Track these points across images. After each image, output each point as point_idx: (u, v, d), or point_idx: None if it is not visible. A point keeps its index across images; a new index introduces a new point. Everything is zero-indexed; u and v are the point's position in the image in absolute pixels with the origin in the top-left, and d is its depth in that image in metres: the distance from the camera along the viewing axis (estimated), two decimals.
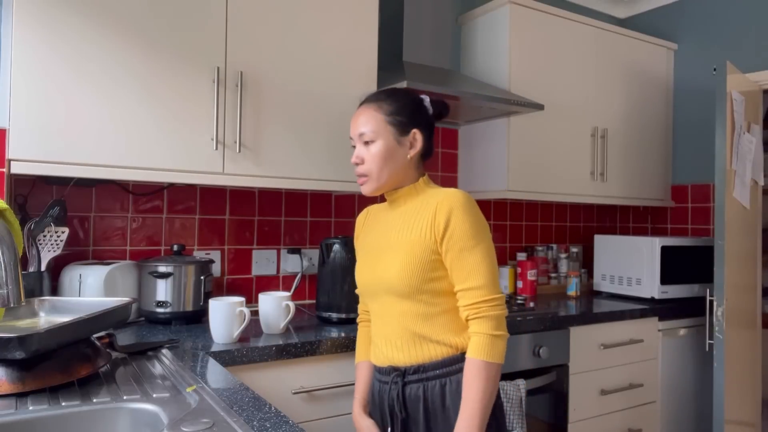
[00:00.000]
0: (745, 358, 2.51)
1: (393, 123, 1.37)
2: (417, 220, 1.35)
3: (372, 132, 1.37)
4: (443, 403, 1.33)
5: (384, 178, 1.38)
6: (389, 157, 1.37)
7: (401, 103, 1.39)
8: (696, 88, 3.11)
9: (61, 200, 1.83)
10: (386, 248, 1.39)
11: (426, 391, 1.34)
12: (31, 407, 1.02)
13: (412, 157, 1.39)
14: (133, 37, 1.70)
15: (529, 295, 2.75)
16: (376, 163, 1.37)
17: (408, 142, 1.38)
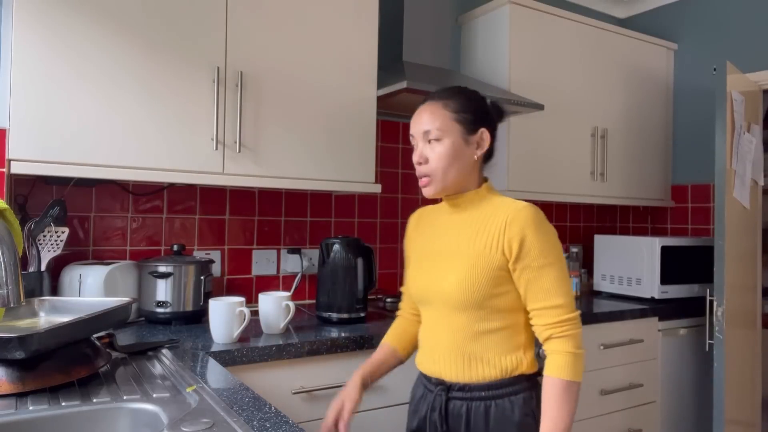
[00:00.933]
0: (745, 358, 2.51)
1: (460, 121, 1.31)
2: (483, 231, 1.29)
3: (438, 130, 1.30)
4: (486, 424, 1.28)
5: (449, 180, 1.32)
6: (456, 156, 1.31)
7: (469, 101, 1.34)
8: (696, 88, 3.11)
9: (61, 200, 1.83)
10: (446, 255, 1.32)
11: (470, 411, 1.29)
12: (31, 407, 1.02)
13: (479, 157, 1.34)
14: (133, 37, 1.70)
15: None
16: (442, 163, 1.30)
17: (476, 142, 1.33)
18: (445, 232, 1.37)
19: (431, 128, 1.31)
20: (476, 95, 1.38)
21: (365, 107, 2.13)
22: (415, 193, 2.68)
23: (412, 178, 2.68)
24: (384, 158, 2.60)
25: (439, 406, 1.31)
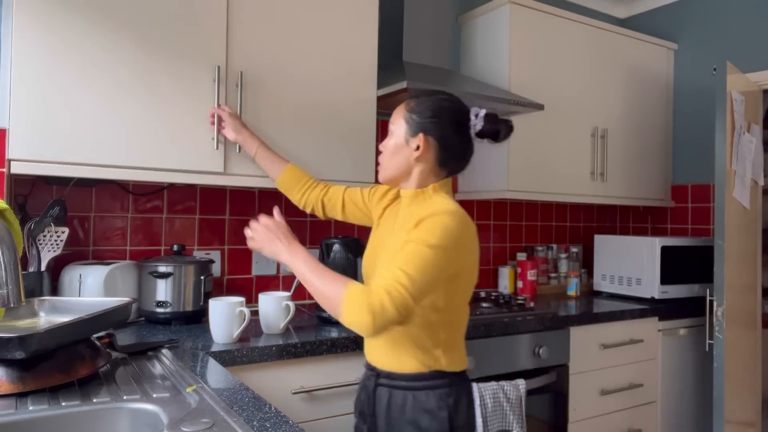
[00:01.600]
0: (745, 358, 2.51)
1: (408, 121, 1.37)
2: (403, 228, 1.34)
3: (392, 124, 1.41)
4: (403, 412, 1.35)
5: (389, 173, 1.41)
6: (396, 152, 1.39)
7: (424, 105, 1.37)
8: (696, 88, 3.11)
9: (61, 200, 1.83)
10: (378, 246, 1.44)
11: (391, 397, 1.37)
12: (31, 407, 1.02)
13: (417, 159, 1.36)
14: (134, 36, 1.70)
15: (529, 295, 2.75)
16: (387, 156, 1.41)
17: (415, 144, 1.36)
18: (387, 222, 1.46)
19: (392, 123, 1.42)
20: (442, 102, 1.38)
21: (365, 107, 2.13)
22: None
23: None
24: None
25: (370, 390, 1.42)
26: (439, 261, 1.23)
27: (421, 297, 1.23)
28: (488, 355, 2.03)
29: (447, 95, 1.42)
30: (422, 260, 1.22)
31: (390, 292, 1.18)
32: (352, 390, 1.74)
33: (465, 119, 1.38)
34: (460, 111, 1.39)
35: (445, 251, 1.24)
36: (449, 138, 1.37)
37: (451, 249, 1.25)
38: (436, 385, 1.35)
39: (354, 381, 1.74)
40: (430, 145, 1.36)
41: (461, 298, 1.37)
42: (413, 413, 1.34)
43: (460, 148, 1.39)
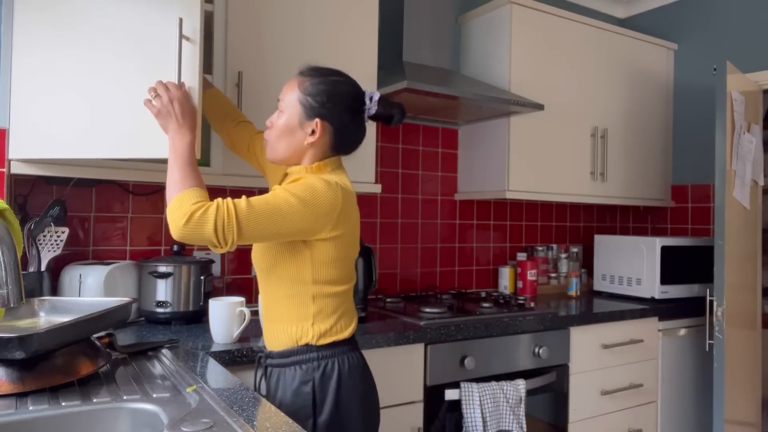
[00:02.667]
0: (745, 358, 2.51)
1: (303, 104, 1.33)
2: None
3: (284, 103, 1.36)
4: (276, 391, 1.35)
5: (278, 152, 1.37)
6: (288, 134, 1.35)
7: (323, 88, 1.34)
8: (696, 88, 3.11)
9: (61, 200, 1.83)
10: None
11: (270, 377, 1.39)
12: (31, 407, 1.02)
13: (311, 143, 1.35)
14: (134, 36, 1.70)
15: (529, 295, 2.75)
16: (275, 135, 1.37)
17: (309, 129, 1.34)
18: None
19: (281, 99, 1.37)
20: (339, 86, 1.36)
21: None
22: (415, 193, 2.68)
23: (412, 178, 2.68)
24: (384, 158, 2.60)
25: (262, 371, 1.42)
26: (289, 207, 1.23)
27: (253, 229, 1.22)
28: (488, 355, 2.03)
29: (343, 77, 1.39)
30: (271, 198, 1.24)
31: (219, 206, 1.21)
32: None
33: (361, 104, 1.38)
34: (356, 95, 1.38)
35: (301, 203, 1.24)
36: (345, 123, 1.37)
37: (309, 204, 1.24)
38: (305, 360, 1.32)
39: None
40: (325, 131, 1.34)
41: (334, 270, 1.34)
42: (282, 393, 1.33)
43: (355, 133, 1.40)
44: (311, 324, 1.33)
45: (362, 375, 1.38)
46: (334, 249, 1.32)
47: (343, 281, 1.37)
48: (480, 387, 1.93)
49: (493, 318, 2.10)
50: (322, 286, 1.33)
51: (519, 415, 1.98)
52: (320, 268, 1.32)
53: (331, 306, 1.35)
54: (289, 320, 1.34)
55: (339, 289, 1.36)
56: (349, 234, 1.35)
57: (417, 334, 1.86)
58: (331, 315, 1.35)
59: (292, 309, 1.34)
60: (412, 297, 2.57)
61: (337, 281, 1.35)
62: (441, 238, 2.76)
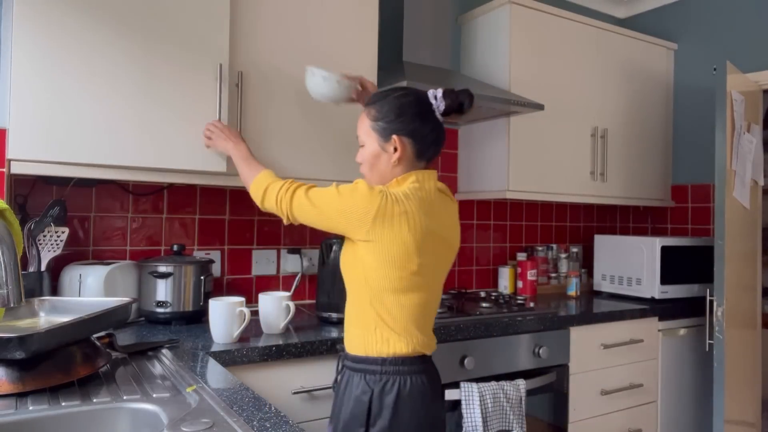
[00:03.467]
0: (745, 358, 2.51)
1: (376, 129, 1.41)
2: None
3: (362, 137, 1.45)
4: (343, 393, 1.39)
5: (374, 181, 1.44)
6: (375, 161, 1.43)
7: (385, 109, 1.41)
8: (696, 88, 3.11)
9: (61, 200, 1.83)
10: None
11: (342, 378, 1.43)
12: (31, 407, 1.02)
13: (397, 160, 1.40)
14: (134, 36, 1.70)
15: (529, 295, 2.75)
16: (365, 167, 1.46)
17: (391, 148, 1.40)
18: None
19: (358, 135, 1.47)
20: (399, 99, 1.42)
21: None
22: None
23: None
24: None
25: (340, 367, 1.47)
26: (330, 197, 1.36)
27: (301, 206, 1.40)
28: (488, 355, 2.03)
29: (401, 89, 1.45)
30: (323, 187, 1.41)
31: (284, 184, 1.44)
32: None
33: (428, 105, 1.42)
34: (420, 101, 1.42)
35: (339, 196, 1.35)
36: (418, 129, 1.40)
37: (345, 200, 1.34)
38: (371, 370, 1.35)
39: None
40: (404, 143, 1.40)
41: (398, 282, 1.34)
42: (347, 396, 1.37)
43: (432, 135, 1.43)
44: (373, 330, 1.36)
45: (424, 401, 1.35)
46: (374, 254, 1.33)
47: (396, 292, 1.34)
48: (480, 387, 1.93)
49: (493, 318, 2.10)
50: (376, 293, 1.35)
51: (519, 415, 1.98)
52: (371, 273, 1.35)
53: (389, 317, 1.35)
54: (357, 324, 1.40)
55: (394, 300, 1.35)
56: (389, 243, 1.32)
57: None
58: (390, 326, 1.35)
59: (357, 313, 1.40)
60: None
61: (389, 290, 1.34)
62: None
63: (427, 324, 1.42)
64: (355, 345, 1.39)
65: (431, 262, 1.38)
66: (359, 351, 1.37)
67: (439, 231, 1.40)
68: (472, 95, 1.45)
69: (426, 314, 1.40)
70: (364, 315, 1.37)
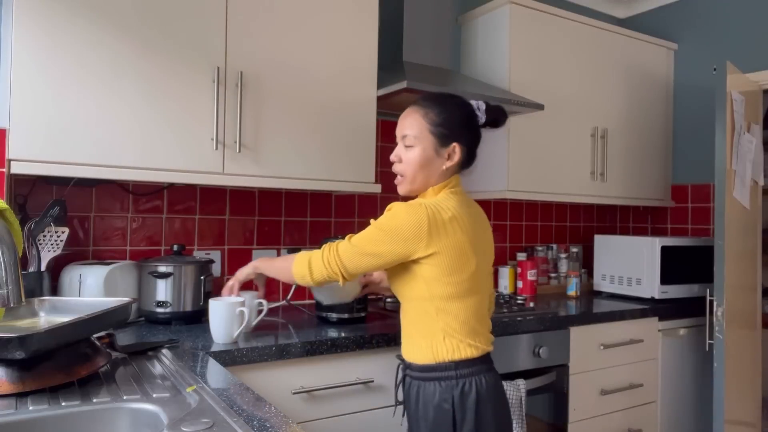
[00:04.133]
0: (745, 358, 2.51)
1: (435, 133, 1.42)
2: None
3: (414, 137, 1.43)
4: (417, 403, 1.41)
5: (417, 183, 1.45)
6: (426, 165, 1.43)
7: (448, 115, 1.42)
8: (696, 88, 3.11)
9: (61, 200, 1.83)
10: None
11: (410, 388, 1.46)
12: (31, 407, 1.02)
13: (448, 168, 1.44)
14: (134, 36, 1.70)
15: (529, 295, 2.75)
16: (412, 168, 1.44)
17: (446, 154, 1.43)
18: None
19: (408, 134, 1.44)
20: (460, 109, 1.45)
21: (365, 107, 2.13)
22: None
23: None
24: (384, 158, 2.59)
25: (401, 378, 1.54)
26: (378, 238, 1.38)
27: (354, 261, 1.41)
28: None
29: (457, 98, 1.48)
30: (366, 233, 1.41)
31: (325, 248, 1.44)
32: (352, 390, 1.74)
33: (475, 116, 1.46)
34: (471, 111, 1.46)
35: (385, 233, 1.37)
36: (471, 140, 1.46)
37: (392, 232, 1.36)
38: (443, 376, 1.39)
39: (354, 381, 1.74)
40: (459, 153, 1.44)
41: (461, 286, 1.38)
42: (423, 406, 1.40)
43: (477, 146, 1.49)
44: (442, 339, 1.39)
45: (499, 395, 1.44)
46: (437, 265, 1.37)
47: (460, 296, 1.39)
48: None
49: (493, 318, 2.09)
50: (441, 302, 1.39)
51: (519, 415, 1.98)
52: (434, 285, 1.38)
53: (456, 322, 1.40)
54: (420, 335, 1.42)
55: (460, 305, 1.39)
56: (450, 249, 1.36)
57: None
58: (459, 331, 1.40)
59: (420, 324, 1.42)
60: None
61: (454, 296, 1.39)
62: None
63: (487, 320, 1.51)
64: (422, 355, 1.41)
65: (482, 260, 1.46)
66: (428, 360, 1.40)
67: (479, 228, 1.47)
68: (507, 114, 1.51)
69: (485, 311, 1.50)
70: (430, 325, 1.40)
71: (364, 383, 1.77)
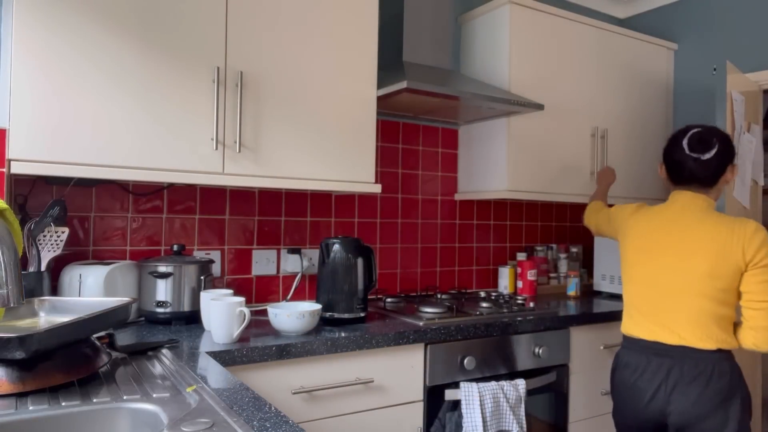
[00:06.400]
0: (745, 359, 2.51)
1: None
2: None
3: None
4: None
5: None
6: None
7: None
8: (696, 88, 3.11)
9: (61, 200, 1.83)
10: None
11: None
12: (31, 407, 1.02)
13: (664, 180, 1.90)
14: (133, 37, 1.70)
15: (529, 295, 2.75)
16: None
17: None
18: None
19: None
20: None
21: (365, 107, 2.13)
22: (415, 193, 2.68)
23: (412, 178, 2.68)
24: (384, 158, 2.60)
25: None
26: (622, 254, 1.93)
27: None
28: (488, 355, 2.03)
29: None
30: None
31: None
32: (352, 390, 1.75)
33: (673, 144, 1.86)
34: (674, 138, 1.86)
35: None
36: (668, 162, 1.86)
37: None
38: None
39: (354, 381, 1.74)
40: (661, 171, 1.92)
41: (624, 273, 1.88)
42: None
43: (670, 166, 1.85)
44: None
45: (614, 372, 1.84)
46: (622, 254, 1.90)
47: (627, 283, 1.85)
48: (480, 387, 1.93)
49: (493, 318, 2.10)
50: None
51: (519, 415, 1.98)
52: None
53: (627, 302, 1.86)
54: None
55: (627, 290, 1.85)
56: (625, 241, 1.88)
57: (417, 334, 1.86)
58: (627, 310, 1.86)
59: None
60: (412, 297, 2.57)
61: (626, 283, 1.86)
62: (441, 238, 2.76)
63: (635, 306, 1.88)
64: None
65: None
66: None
67: None
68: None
69: (638, 299, 1.87)
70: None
71: (364, 383, 1.77)
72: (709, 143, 1.72)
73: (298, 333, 1.73)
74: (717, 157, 1.71)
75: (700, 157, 1.71)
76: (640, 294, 1.78)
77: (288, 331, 1.73)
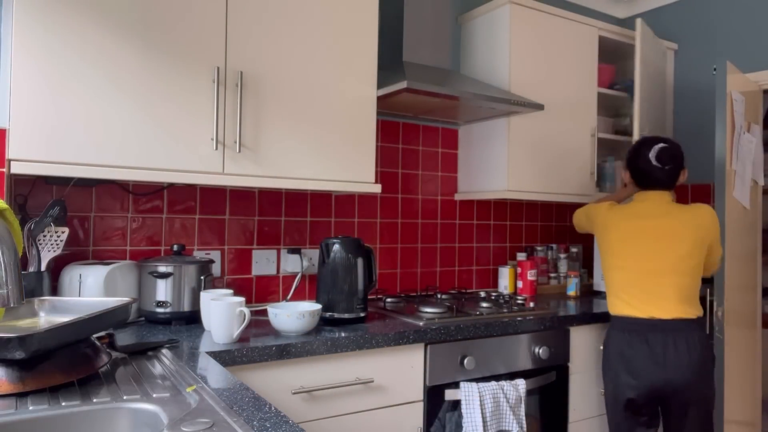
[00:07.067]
0: (745, 358, 2.51)
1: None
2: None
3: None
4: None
5: None
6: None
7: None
8: (696, 88, 3.11)
9: (61, 200, 1.83)
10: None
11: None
12: (31, 407, 1.02)
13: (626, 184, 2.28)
14: (133, 37, 1.70)
15: (528, 295, 2.75)
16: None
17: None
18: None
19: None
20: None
21: (365, 107, 2.13)
22: (415, 193, 2.68)
23: (412, 178, 2.68)
24: (384, 158, 2.60)
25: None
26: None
27: None
28: (488, 355, 2.03)
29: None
30: None
31: None
32: (352, 390, 1.75)
33: (636, 154, 2.13)
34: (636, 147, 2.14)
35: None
36: (632, 169, 2.17)
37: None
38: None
39: (354, 381, 1.74)
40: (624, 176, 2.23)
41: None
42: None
43: (636, 174, 2.16)
44: (607, 295, 2.15)
45: (605, 352, 2.11)
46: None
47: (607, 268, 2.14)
48: (480, 387, 1.93)
49: (493, 318, 2.10)
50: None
51: (519, 415, 1.98)
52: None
53: (608, 282, 2.14)
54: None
55: (610, 274, 2.12)
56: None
57: (417, 334, 1.86)
58: (608, 290, 2.13)
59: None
60: (412, 297, 2.57)
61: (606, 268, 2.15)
62: (441, 238, 2.76)
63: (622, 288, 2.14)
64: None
65: None
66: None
67: None
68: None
69: (624, 280, 2.13)
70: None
71: (364, 383, 1.77)
72: (675, 157, 2.04)
73: (298, 333, 1.73)
74: (678, 167, 2.06)
75: (665, 168, 2.04)
76: (628, 278, 2.04)
77: (288, 331, 1.73)
